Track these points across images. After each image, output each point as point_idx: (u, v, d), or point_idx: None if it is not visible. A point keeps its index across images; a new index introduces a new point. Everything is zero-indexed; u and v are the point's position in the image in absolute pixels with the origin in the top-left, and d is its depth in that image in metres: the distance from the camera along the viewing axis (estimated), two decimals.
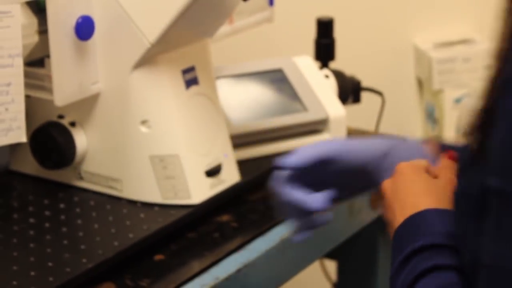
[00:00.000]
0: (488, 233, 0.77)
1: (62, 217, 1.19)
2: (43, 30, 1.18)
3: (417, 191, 0.95)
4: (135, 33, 1.19)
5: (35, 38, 1.19)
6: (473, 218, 0.82)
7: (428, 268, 0.87)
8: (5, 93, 1.11)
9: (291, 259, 1.25)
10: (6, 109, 1.11)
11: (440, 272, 0.86)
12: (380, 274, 1.49)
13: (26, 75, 1.14)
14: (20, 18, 1.11)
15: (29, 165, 1.28)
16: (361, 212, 1.38)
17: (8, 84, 1.11)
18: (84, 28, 1.18)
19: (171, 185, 1.22)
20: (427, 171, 0.98)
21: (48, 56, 1.19)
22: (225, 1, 1.25)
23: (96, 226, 1.17)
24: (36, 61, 1.22)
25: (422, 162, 0.99)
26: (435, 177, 0.97)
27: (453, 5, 2.02)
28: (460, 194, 0.87)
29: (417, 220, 0.92)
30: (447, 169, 0.97)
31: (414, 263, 0.88)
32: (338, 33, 1.54)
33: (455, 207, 0.89)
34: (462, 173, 0.87)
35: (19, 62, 1.12)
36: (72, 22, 1.17)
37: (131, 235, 1.15)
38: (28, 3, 1.17)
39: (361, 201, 1.35)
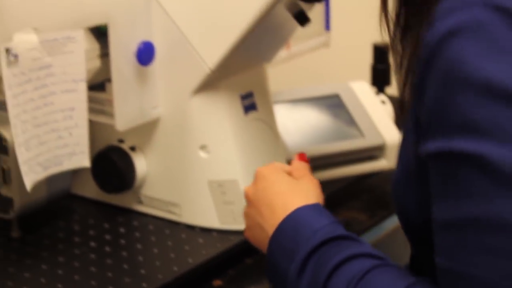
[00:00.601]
0: (435, 195, 0.78)
1: (122, 241, 1.20)
2: (104, 53, 1.20)
3: (283, 191, 0.94)
4: (195, 59, 1.19)
5: (97, 63, 1.20)
6: (415, 187, 0.83)
7: (338, 263, 0.85)
8: (69, 118, 1.12)
9: None
10: (70, 134, 1.13)
11: (352, 261, 0.85)
12: None
13: (88, 99, 1.16)
14: (84, 43, 1.12)
15: (90, 189, 1.29)
16: None
17: (72, 109, 1.12)
18: (145, 54, 1.19)
19: (230, 210, 1.22)
20: (284, 171, 0.99)
21: (108, 80, 1.20)
22: (283, 27, 1.26)
23: (155, 250, 1.18)
24: (97, 85, 1.23)
25: (279, 164, 1.00)
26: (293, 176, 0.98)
27: None
28: (401, 170, 0.87)
29: (293, 221, 0.91)
30: (301, 169, 0.98)
31: (316, 264, 0.86)
32: None
33: (397, 184, 0.89)
34: (401, 150, 0.88)
35: (83, 87, 1.13)
36: (133, 48, 1.19)
37: (190, 260, 1.16)
38: (89, 27, 1.19)
39: None
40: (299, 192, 0.94)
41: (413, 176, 0.85)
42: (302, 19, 1.20)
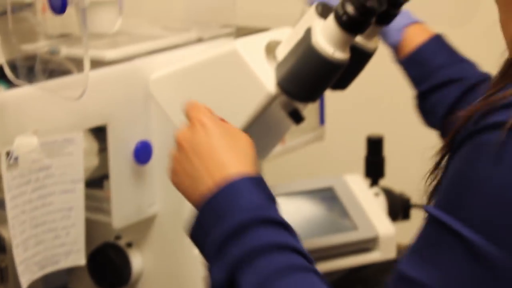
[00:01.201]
0: (414, 248, 0.81)
1: None
2: (101, 148, 1.22)
3: (221, 148, 0.91)
4: None
5: (94, 161, 1.23)
6: None
7: (269, 246, 0.84)
8: (67, 218, 1.15)
9: None
10: (67, 233, 1.15)
11: (283, 251, 0.85)
12: None
13: (85, 197, 1.18)
14: (83, 144, 1.15)
15: (85, 285, 1.30)
16: None
17: (70, 209, 1.15)
18: (143, 153, 1.22)
19: None
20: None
21: (105, 176, 1.22)
22: (278, 125, 1.28)
23: None
24: (94, 182, 1.26)
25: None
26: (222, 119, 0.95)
27: None
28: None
29: (232, 193, 0.89)
30: None
31: (247, 240, 0.85)
32: (388, 149, 1.56)
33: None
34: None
35: (81, 187, 1.15)
36: (131, 147, 1.21)
37: None
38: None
39: None
40: (237, 152, 0.92)
41: None
42: (296, 118, 1.22)
